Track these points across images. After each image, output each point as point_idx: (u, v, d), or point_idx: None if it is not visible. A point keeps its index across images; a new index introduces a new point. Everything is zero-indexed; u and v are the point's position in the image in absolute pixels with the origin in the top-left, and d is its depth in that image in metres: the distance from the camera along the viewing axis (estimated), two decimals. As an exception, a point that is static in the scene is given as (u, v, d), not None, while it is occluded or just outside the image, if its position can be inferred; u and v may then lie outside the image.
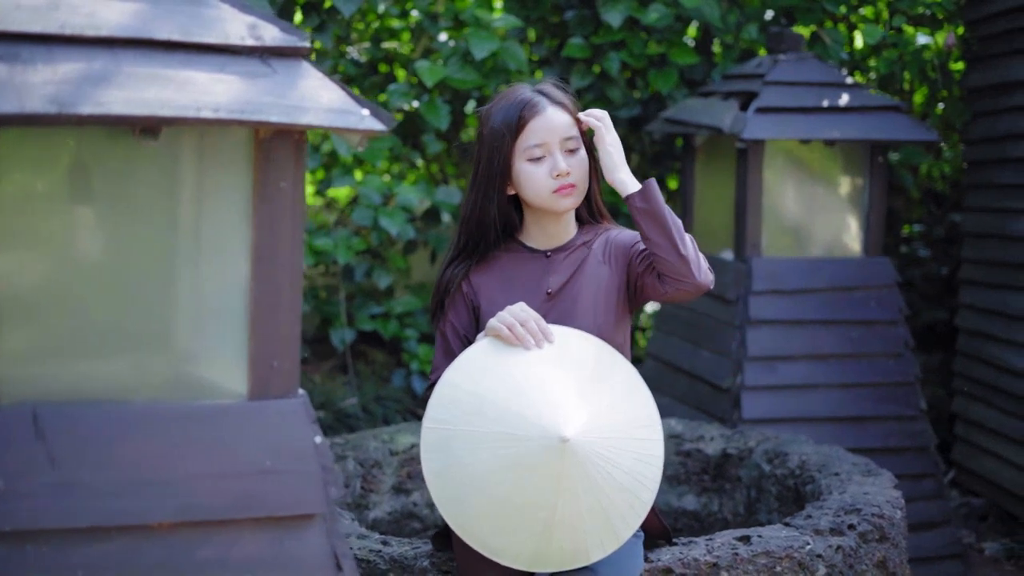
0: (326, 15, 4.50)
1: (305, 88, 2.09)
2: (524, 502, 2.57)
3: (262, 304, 2.15)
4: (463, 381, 2.68)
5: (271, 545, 2.12)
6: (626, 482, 2.60)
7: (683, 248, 2.79)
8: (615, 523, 2.63)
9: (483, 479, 2.59)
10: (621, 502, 2.61)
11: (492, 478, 2.58)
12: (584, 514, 2.58)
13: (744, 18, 5.26)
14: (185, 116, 1.95)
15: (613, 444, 2.59)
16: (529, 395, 2.58)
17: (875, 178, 4.72)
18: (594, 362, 2.72)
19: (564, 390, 2.60)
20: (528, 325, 2.70)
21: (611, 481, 2.58)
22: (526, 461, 2.54)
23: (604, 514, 2.60)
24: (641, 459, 2.64)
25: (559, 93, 2.94)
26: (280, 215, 2.14)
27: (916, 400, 4.65)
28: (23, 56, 1.91)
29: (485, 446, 2.58)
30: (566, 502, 2.56)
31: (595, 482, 2.56)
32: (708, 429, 4.15)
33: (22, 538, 1.96)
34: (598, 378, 2.69)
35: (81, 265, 2.10)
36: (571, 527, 2.59)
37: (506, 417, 2.57)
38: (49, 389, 2.05)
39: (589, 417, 2.58)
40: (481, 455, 2.58)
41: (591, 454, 2.55)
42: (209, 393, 2.15)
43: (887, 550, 3.25)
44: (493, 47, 4.86)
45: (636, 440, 2.64)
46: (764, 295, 4.57)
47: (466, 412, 2.62)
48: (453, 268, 3.00)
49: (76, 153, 2.09)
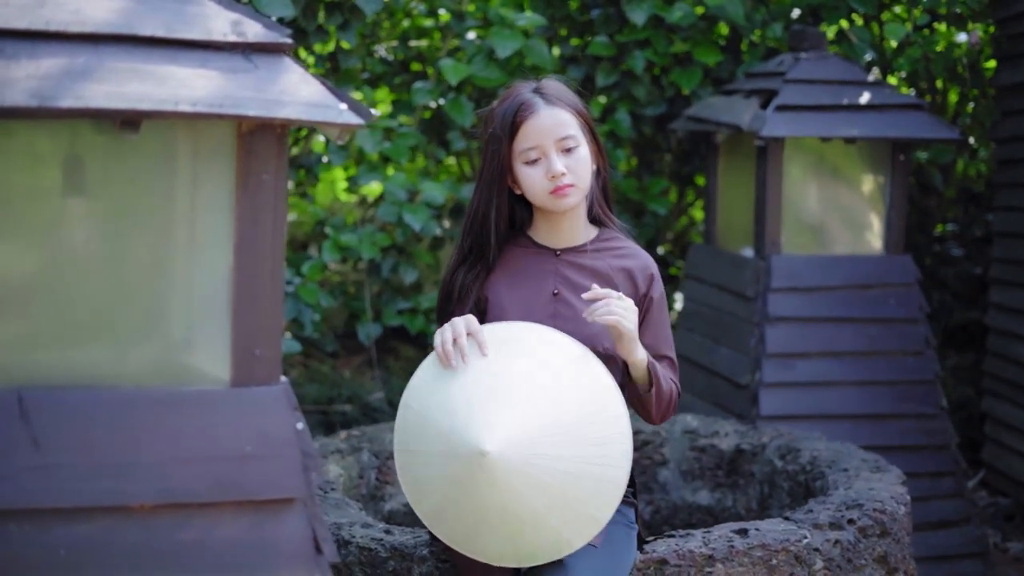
0: (349, 13, 4.56)
1: (285, 83, 2.14)
2: (479, 512, 2.61)
3: (244, 294, 2.20)
4: (412, 401, 2.73)
5: (251, 528, 2.18)
6: (582, 470, 2.62)
7: (655, 413, 2.89)
8: (585, 510, 2.66)
9: (441, 495, 2.66)
10: (583, 489, 2.63)
11: (446, 494, 2.64)
12: (543, 511, 2.60)
13: (770, 16, 5.27)
14: (163, 110, 2.01)
15: (555, 440, 2.58)
16: (457, 412, 2.60)
17: (896, 176, 4.72)
18: (540, 360, 2.70)
19: (495, 400, 2.59)
20: (459, 341, 2.68)
21: (560, 475, 2.58)
22: (462, 477, 2.58)
23: (567, 506, 2.62)
24: (598, 442, 2.64)
25: (557, 91, 2.93)
26: (262, 207, 2.19)
27: (936, 398, 4.64)
28: (7, 51, 1.98)
29: (433, 465, 2.64)
30: (516, 506, 2.58)
31: (539, 480, 2.56)
32: (723, 425, 4.17)
33: (5, 517, 2.03)
34: (542, 375, 2.66)
35: (68, 255, 2.16)
36: (535, 526, 2.62)
37: (441, 436, 2.61)
38: (35, 374, 2.12)
39: (522, 421, 2.57)
40: (431, 473, 2.65)
41: (523, 457, 2.55)
42: (193, 379, 2.21)
43: (888, 545, 3.26)
44: (517, 46, 4.90)
45: (588, 425, 2.64)
46: (783, 292, 4.59)
47: (415, 434, 2.69)
48: (463, 274, 2.99)
49: (67, 146, 2.16)
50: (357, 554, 3.08)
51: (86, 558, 2.06)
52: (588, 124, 2.94)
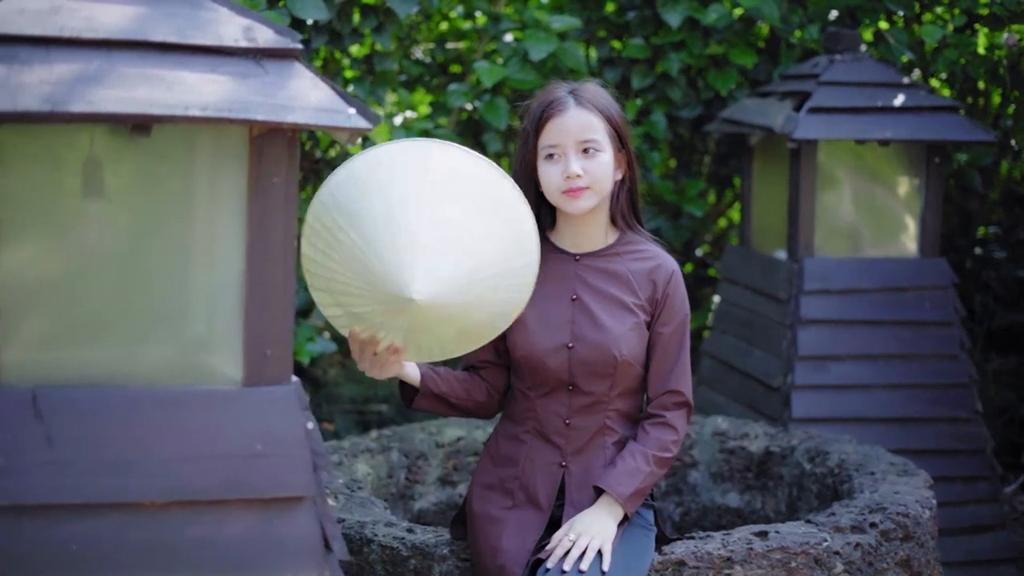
0: (384, 16, 4.59)
1: (295, 88, 2.18)
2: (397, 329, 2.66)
3: (256, 295, 2.24)
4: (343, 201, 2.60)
5: (260, 526, 2.22)
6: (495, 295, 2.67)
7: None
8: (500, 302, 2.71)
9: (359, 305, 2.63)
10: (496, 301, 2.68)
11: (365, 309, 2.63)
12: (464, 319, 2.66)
13: (807, 18, 5.26)
14: (173, 114, 2.05)
15: (471, 284, 2.59)
16: (383, 254, 2.52)
17: (931, 179, 4.69)
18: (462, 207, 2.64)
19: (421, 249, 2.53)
20: (380, 355, 2.71)
21: (476, 299, 2.63)
22: (385, 307, 2.58)
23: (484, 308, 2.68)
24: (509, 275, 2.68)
25: (593, 95, 2.95)
26: (273, 209, 2.23)
27: (971, 402, 4.61)
28: (21, 57, 2.03)
29: (352, 287, 2.59)
30: (438, 330, 2.66)
31: (457, 311, 2.61)
32: (753, 427, 4.17)
33: (19, 512, 2.08)
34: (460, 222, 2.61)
35: (84, 257, 2.21)
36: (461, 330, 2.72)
37: (367, 274, 2.54)
38: (50, 373, 2.17)
39: (443, 270, 2.53)
40: (351, 292, 2.61)
41: (443, 302, 2.56)
42: (205, 379, 2.26)
43: (911, 549, 3.26)
44: (551, 48, 4.92)
45: (503, 277, 2.66)
46: (815, 295, 4.57)
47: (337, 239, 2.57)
48: None
49: (86, 149, 2.20)
50: (379, 552, 3.11)
51: (97, 554, 2.11)
52: (618, 133, 2.95)
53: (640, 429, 2.96)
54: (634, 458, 2.90)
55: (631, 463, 2.89)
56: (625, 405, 2.99)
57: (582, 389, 2.94)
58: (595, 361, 2.91)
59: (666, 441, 2.94)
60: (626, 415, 3.00)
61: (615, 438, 2.97)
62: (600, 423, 2.96)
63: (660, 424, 2.95)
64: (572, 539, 2.80)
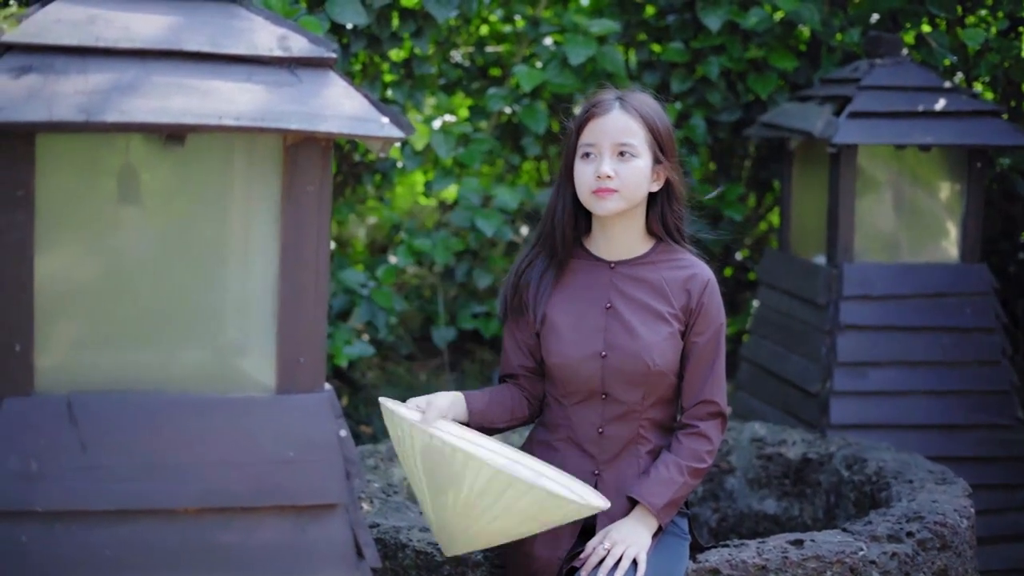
0: (423, 20, 4.61)
1: (328, 96, 2.19)
2: None
3: (289, 302, 2.25)
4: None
5: (292, 532, 2.23)
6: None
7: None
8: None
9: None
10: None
11: None
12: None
13: (848, 21, 5.22)
14: (207, 124, 2.06)
15: None
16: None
17: (973, 183, 4.65)
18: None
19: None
20: None
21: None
22: None
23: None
24: None
25: (640, 103, 2.93)
26: (306, 217, 2.24)
27: (1013, 409, 4.58)
28: (57, 67, 2.05)
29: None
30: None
31: None
32: (791, 434, 4.15)
33: (53, 517, 2.10)
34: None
35: (119, 263, 2.23)
36: None
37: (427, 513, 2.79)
38: (85, 379, 2.19)
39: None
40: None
41: None
42: (238, 386, 2.27)
43: (948, 559, 3.23)
44: (590, 52, 4.91)
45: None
46: (855, 300, 4.55)
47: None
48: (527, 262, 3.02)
49: (122, 157, 2.22)
50: (413, 558, 3.12)
51: (130, 559, 2.13)
52: (660, 143, 2.92)
53: (674, 439, 2.96)
54: (668, 468, 2.90)
55: (664, 473, 2.89)
56: (659, 414, 2.98)
57: (615, 398, 2.93)
58: (628, 370, 2.91)
59: (700, 451, 2.93)
60: (660, 424, 2.99)
61: (649, 447, 2.97)
62: (634, 432, 2.96)
63: (694, 434, 2.94)
64: (607, 548, 2.80)
